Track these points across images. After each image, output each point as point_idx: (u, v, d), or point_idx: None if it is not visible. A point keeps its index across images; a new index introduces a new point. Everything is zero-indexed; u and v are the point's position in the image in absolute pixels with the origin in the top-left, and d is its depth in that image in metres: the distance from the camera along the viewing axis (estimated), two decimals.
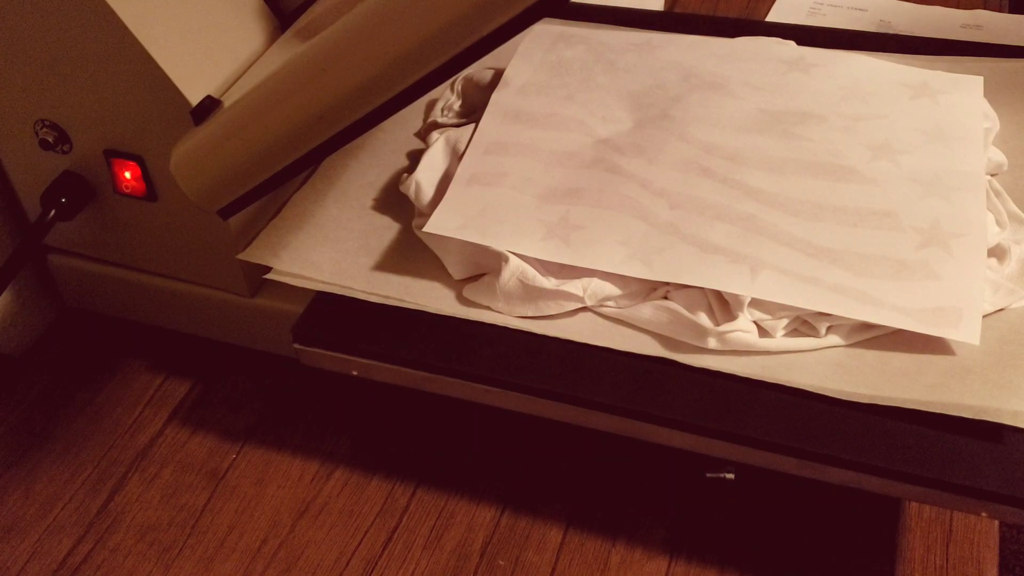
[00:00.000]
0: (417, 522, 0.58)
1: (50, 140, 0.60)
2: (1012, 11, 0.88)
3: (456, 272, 0.59)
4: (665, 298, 0.56)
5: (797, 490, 0.56)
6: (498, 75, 0.69)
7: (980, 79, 0.66)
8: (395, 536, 0.58)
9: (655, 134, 0.63)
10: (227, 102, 0.55)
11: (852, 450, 0.50)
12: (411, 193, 0.62)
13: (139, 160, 0.59)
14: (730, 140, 0.63)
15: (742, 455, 0.52)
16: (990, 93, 0.66)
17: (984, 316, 0.53)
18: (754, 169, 0.61)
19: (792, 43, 0.71)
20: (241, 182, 0.55)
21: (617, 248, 0.57)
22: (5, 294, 0.68)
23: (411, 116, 0.71)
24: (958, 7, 0.89)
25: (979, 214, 0.57)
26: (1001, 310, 0.55)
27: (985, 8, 0.88)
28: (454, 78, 0.69)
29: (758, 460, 0.52)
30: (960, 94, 0.65)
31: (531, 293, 0.56)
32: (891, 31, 0.79)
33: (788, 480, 0.52)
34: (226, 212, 0.56)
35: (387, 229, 0.63)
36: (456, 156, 0.64)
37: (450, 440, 0.62)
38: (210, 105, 0.54)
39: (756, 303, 0.54)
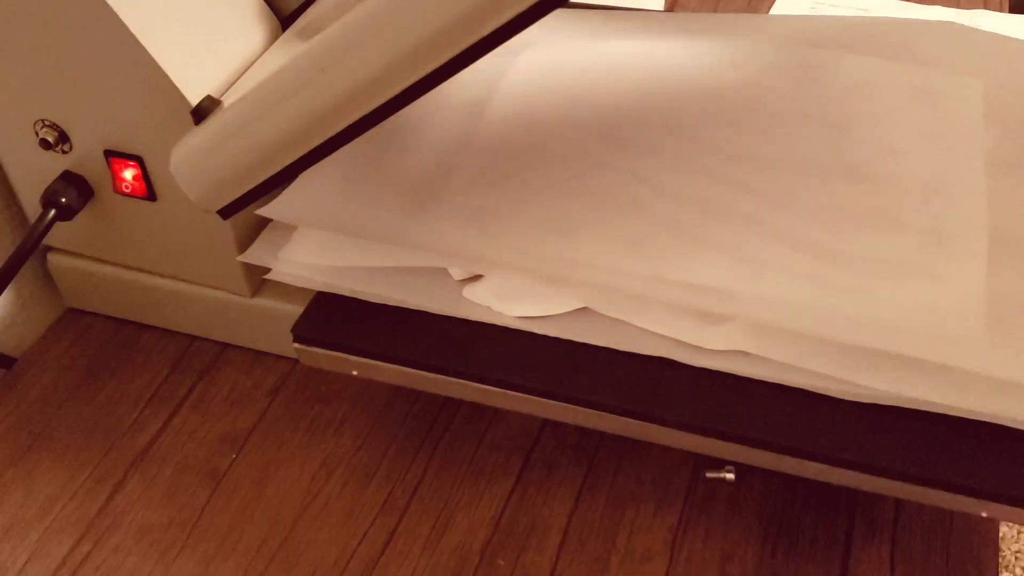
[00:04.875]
0: (417, 522, 0.58)
1: (50, 140, 0.60)
2: (1012, 11, 0.88)
3: (456, 272, 0.59)
4: None
5: (797, 490, 0.56)
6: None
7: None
8: (395, 536, 0.58)
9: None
10: (227, 102, 0.55)
11: (852, 450, 0.50)
12: None
13: (139, 160, 0.59)
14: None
15: (742, 455, 0.52)
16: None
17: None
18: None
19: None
20: (241, 182, 0.54)
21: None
22: (5, 294, 0.68)
23: None
24: (958, 7, 0.89)
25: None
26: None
27: (985, 8, 0.88)
28: None
29: (758, 460, 0.52)
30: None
31: (531, 293, 0.56)
32: None
33: (788, 480, 0.52)
34: (226, 212, 0.56)
35: None
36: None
37: (450, 438, 0.62)
38: (210, 105, 0.54)
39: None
